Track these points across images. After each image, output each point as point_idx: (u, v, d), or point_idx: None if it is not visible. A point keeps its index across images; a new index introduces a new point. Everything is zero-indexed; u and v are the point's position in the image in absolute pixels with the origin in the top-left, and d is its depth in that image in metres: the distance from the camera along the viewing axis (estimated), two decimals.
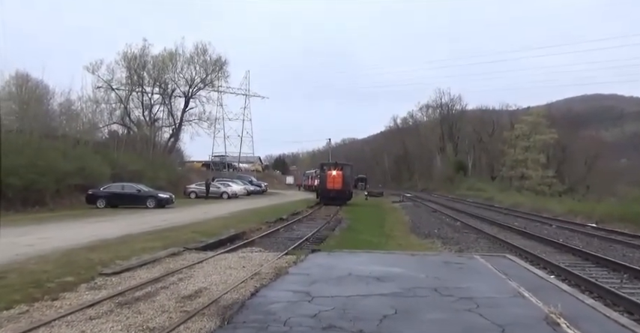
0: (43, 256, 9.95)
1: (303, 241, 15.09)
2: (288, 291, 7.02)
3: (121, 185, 28.37)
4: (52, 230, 15.19)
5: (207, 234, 14.61)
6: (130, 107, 53.02)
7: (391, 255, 11.35)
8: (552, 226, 22.23)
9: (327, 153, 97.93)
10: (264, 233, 16.78)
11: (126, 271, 8.61)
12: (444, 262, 10.09)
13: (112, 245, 11.69)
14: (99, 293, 6.97)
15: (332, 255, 10.93)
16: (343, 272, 8.46)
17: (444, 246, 15.68)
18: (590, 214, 26.32)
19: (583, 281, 9.63)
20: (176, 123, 56.14)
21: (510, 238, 16.98)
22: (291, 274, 8.51)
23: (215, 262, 10.00)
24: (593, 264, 12.12)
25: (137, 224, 17.11)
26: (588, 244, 16.05)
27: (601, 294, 8.59)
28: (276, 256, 10.77)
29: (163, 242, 12.28)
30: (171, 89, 55.59)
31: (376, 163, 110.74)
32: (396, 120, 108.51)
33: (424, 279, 8.02)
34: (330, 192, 36.43)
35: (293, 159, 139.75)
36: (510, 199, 42.99)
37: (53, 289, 7.07)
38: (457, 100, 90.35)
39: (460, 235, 18.49)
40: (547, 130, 60.93)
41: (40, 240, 12.41)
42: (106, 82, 50.47)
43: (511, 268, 9.39)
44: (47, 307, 6.23)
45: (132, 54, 51.63)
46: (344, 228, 20.62)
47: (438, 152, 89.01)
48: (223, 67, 57.22)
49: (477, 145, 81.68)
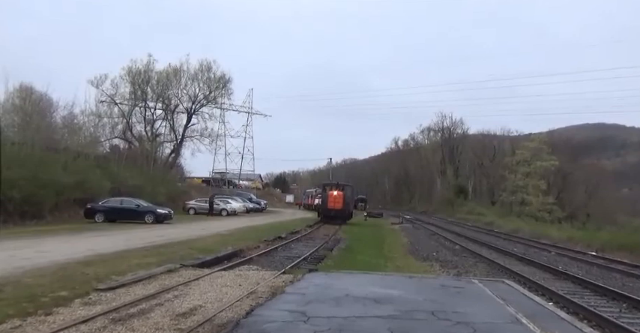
0: (40, 269, 9.89)
1: (300, 261, 15.00)
2: (284, 310, 6.95)
3: (120, 200, 28.31)
4: (50, 244, 15.12)
5: (204, 251, 14.54)
6: (132, 122, 53.23)
7: (389, 277, 11.26)
8: (552, 252, 22.11)
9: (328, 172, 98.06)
10: (261, 251, 16.69)
11: (121, 287, 8.55)
12: (441, 285, 10.01)
13: (108, 260, 11.63)
14: (93, 309, 6.91)
15: (329, 275, 10.85)
16: (340, 293, 8.39)
17: (443, 269, 15.57)
18: (590, 242, 26.19)
19: (581, 309, 9.54)
20: (178, 139, 56.28)
21: (509, 264, 16.87)
22: (288, 293, 8.44)
23: (211, 279, 9.93)
24: (592, 292, 12.02)
25: (134, 239, 17.03)
26: (587, 272, 15.94)
27: (599, 323, 8.50)
28: (273, 274, 10.70)
29: (160, 258, 12.22)
30: (174, 105, 55.87)
31: (376, 183, 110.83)
32: (398, 142, 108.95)
33: (422, 302, 7.94)
34: (331, 211, 38.00)
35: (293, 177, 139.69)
36: (510, 224, 42.83)
37: (47, 304, 7.01)
38: (459, 124, 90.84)
39: (459, 259, 18.38)
40: (548, 157, 60.99)
41: (38, 253, 12.34)
42: (110, 97, 50.79)
43: (509, 293, 9.31)
44: (40, 322, 6.17)
45: (136, 69, 52.01)
46: (342, 248, 20.50)
47: (439, 175, 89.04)
48: (227, 85, 57.60)
49: (478, 169, 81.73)
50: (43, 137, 32.34)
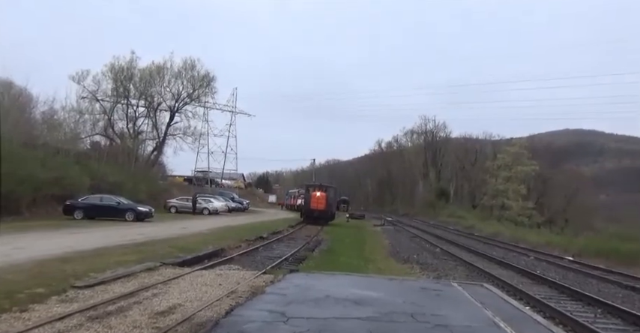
0: (16, 266, 9.73)
1: (281, 261, 14.97)
2: (264, 311, 6.94)
3: (99, 197, 27.97)
4: (27, 240, 14.86)
5: (185, 249, 14.43)
6: (114, 119, 52.59)
7: (369, 278, 11.30)
8: (530, 257, 22.39)
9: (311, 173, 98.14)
10: (243, 251, 16.64)
11: (99, 285, 8.45)
12: (421, 288, 10.08)
13: (87, 257, 11.48)
14: (69, 306, 6.82)
15: (310, 276, 10.85)
16: (321, 294, 8.40)
17: (423, 272, 15.67)
18: (568, 247, 26.58)
19: (558, 314, 9.68)
20: (160, 137, 55.78)
21: (488, 267, 17.04)
22: (268, 293, 8.42)
23: (191, 278, 9.87)
24: (568, 297, 12.19)
25: (114, 237, 16.84)
26: (564, 276, 16.18)
27: (574, 328, 8.64)
28: (253, 274, 10.67)
29: (140, 256, 12.11)
30: (157, 103, 55.39)
31: (359, 185, 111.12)
32: (381, 144, 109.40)
33: (401, 304, 7.99)
34: (314, 212, 38.62)
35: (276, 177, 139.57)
36: (490, 228, 43.28)
37: (23, 300, 6.91)
38: (442, 128, 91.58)
39: (439, 262, 18.51)
40: (528, 162, 61.86)
41: (14, 250, 12.13)
42: (91, 93, 50.12)
43: (488, 297, 9.41)
44: (15, 318, 6.08)
45: (119, 66, 51.48)
46: (324, 249, 20.50)
47: (421, 178, 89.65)
48: (211, 83, 57.26)
49: (460, 172, 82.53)
50: (21, 132, 31.77)
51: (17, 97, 36.88)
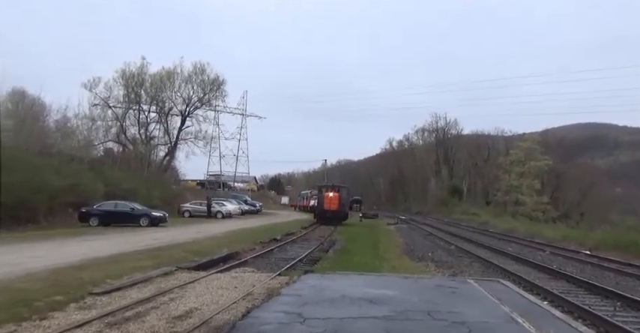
0: (33, 274, 9.84)
1: (296, 262, 14.99)
2: (280, 312, 6.96)
3: (114, 203, 28.21)
4: (44, 248, 15.05)
5: (199, 253, 14.51)
6: (126, 125, 53.16)
7: (384, 277, 11.28)
8: (546, 252, 22.20)
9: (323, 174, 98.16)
10: (257, 253, 16.69)
11: (116, 291, 8.52)
12: (437, 285, 10.04)
13: (103, 264, 11.58)
14: (88, 313, 6.89)
15: (325, 276, 10.85)
16: (336, 294, 8.40)
17: (438, 269, 15.60)
18: (584, 241, 26.31)
19: (576, 308, 9.59)
20: (172, 141, 56.20)
21: (504, 263, 16.92)
22: (284, 295, 8.44)
23: (207, 282, 9.92)
24: (586, 291, 12.08)
25: (129, 243, 16.98)
26: (581, 270, 16.02)
27: (594, 321, 8.55)
28: (268, 276, 10.70)
29: (155, 261, 12.19)
30: (168, 108, 55.83)
31: (371, 184, 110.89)
32: (392, 143, 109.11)
33: (417, 302, 7.96)
34: (327, 212, 38.95)
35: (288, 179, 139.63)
36: (505, 224, 42.96)
37: (42, 309, 6.98)
38: (453, 125, 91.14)
39: (454, 259, 18.42)
40: (542, 157, 61.35)
41: (31, 258, 12.28)
42: (103, 100, 50.67)
43: (504, 293, 9.35)
44: (35, 326, 6.15)
45: (130, 72, 52.01)
46: (338, 249, 20.51)
47: (433, 176, 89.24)
48: (221, 87, 57.63)
49: (472, 169, 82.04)
50: (36, 141, 32.21)
51: (31, 107, 37.40)
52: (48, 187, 25.31)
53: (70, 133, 39.72)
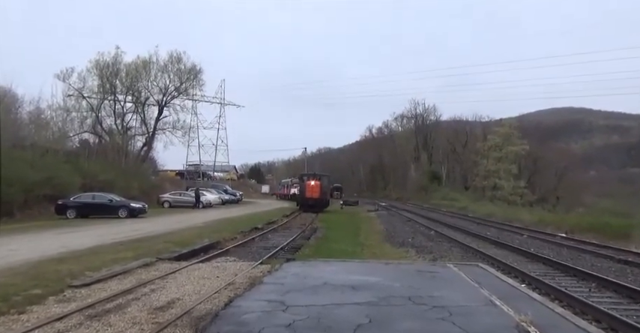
0: (10, 268, 9.68)
1: (278, 250, 15.02)
2: (263, 300, 6.97)
3: (91, 195, 27.85)
4: (20, 242, 14.80)
5: (180, 244, 14.43)
6: (101, 116, 52.08)
7: (366, 264, 11.38)
8: (524, 235, 22.61)
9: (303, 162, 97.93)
10: (238, 243, 16.66)
11: (96, 283, 8.43)
12: (417, 270, 10.17)
13: (82, 256, 11.45)
14: (68, 306, 6.80)
15: (307, 264, 10.90)
16: (318, 281, 8.45)
17: (418, 255, 15.79)
18: (560, 224, 26.86)
19: (553, 290, 9.81)
20: (149, 132, 55.39)
21: (483, 247, 17.21)
22: (266, 283, 8.46)
23: (188, 272, 9.88)
24: (562, 273, 12.35)
25: (108, 234, 16.79)
26: (558, 253, 16.37)
27: (570, 303, 8.76)
28: (250, 265, 10.70)
29: (135, 253, 12.09)
30: (144, 97, 54.89)
31: (352, 172, 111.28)
32: (372, 130, 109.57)
33: (398, 288, 8.06)
34: (309, 200, 40.35)
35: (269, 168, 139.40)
36: (483, 208, 43.63)
37: (20, 303, 6.87)
38: (431, 111, 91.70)
39: (434, 244, 18.66)
40: (519, 142, 62.24)
41: (8, 252, 12.07)
42: (77, 90, 49.54)
43: (483, 276, 9.52)
44: (13, 321, 6.05)
45: (104, 62, 50.83)
46: (319, 237, 20.59)
47: (413, 162, 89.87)
48: (198, 76, 56.74)
49: (451, 155, 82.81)
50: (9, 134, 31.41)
51: (2, 98, 36.40)
52: (22, 181, 24.84)
53: (45, 125, 38.86)
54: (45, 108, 40.32)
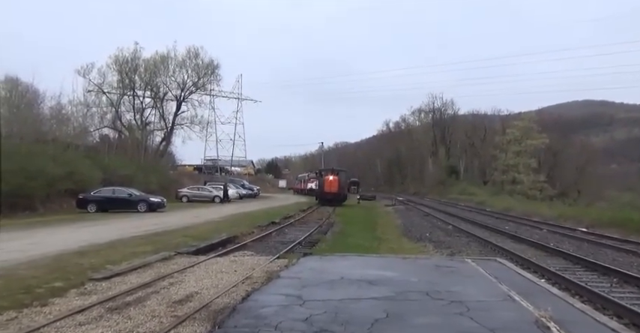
0: (33, 261, 9.87)
1: (295, 245, 15.07)
2: (280, 295, 7.01)
3: (111, 189, 28.21)
4: (43, 235, 15.08)
5: (198, 238, 14.56)
6: (121, 111, 52.75)
7: (383, 258, 11.35)
8: (543, 230, 22.35)
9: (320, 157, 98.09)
10: (255, 237, 16.74)
11: (116, 276, 8.55)
12: (435, 265, 10.12)
13: (102, 250, 11.62)
14: (89, 298, 6.91)
15: (324, 259, 10.91)
16: (335, 276, 8.45)
17: (436, 249, 15.70)
18: (581, 218, 26.47)
19: (573, 285, 9.67)
20: (168, 127, 55.93)
21: (501, 242, 17.04)
22: (283, 277, 8.49)
23: (206, 266, 9.96)
24: (583, 268, 12.18)
25: (128, 228, 17.01)
26: (578, 248, 16.14)
27: (591, 298, 8.63)
28: (267, 259, 10.75)
29: (154, 246, 12.23)
30: (163, 93, 55.43)
31: (369, 167, 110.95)
32: (389, 124, 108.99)
33: (416, 283, 8.03)
34: (327, 195, 42.12)
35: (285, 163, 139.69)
36: (502, 203, 43.18)
37: (42, 295, 7.01)
38: (449, 105, 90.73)
39: (452, 239, 18.54)
40: (538, 135, 61.36)
41: (30, 245, 12.31)
42: (97, 86, 50.18)
43: (502, 271, 9.43)
44: (36, 313, 6.17)
45: (123, 57, 51.43)
46: (336, 232, 20.60)
47: (430, 156, 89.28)
48: (215, 71, 57.18)
49: (469, 149, 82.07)
50: (31, 129, 32.01)
51: (24, 94, 37.06)
52: (44, 175, 25.28)
53: (65, 120, 39.42)
54: (66, 103, 40.94)
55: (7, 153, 24.24)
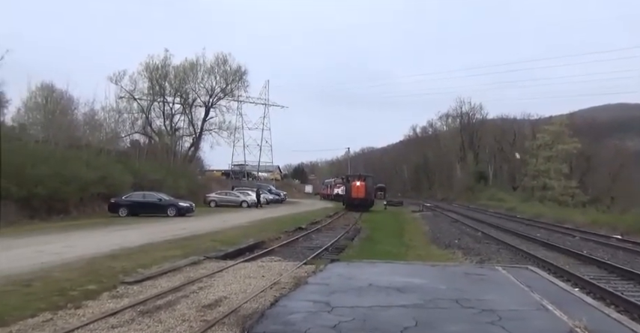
0: (67, 264, 10.11)
1: (322, 251, 15.07)
2: (308, 301, 7.00)
3: (142, 194, 28.72)
4: (76, 238, 15.45)
5: (226, 243, 14.70)
6: (151, 117, 53.82)
7: (411, 265, 11.24)
8: (575, 237, 21.83)
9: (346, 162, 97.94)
10: (283, 242, 16.80)
11: (147, 280, 8.70)
12: (465, 273, 9.97)
13: (133, 254, 11.83)
14: (121, 302, 7.05)
15: (351, 265, 10.87)
16: (363, 282, 8.41)
17: (465, 257, 15.48)
18: (615, 225, 25.76)
19: (608, 294, 9.41)
20: (196, 132, 56.74)
21: (533, 250, 16.70)
22: (311, 283, 8.49)
23: (235, 271, 10.04)
24: (618, 277, 11.84)
25: (158, 233, 17.28)
26: (613, 256, 15.70)
27: (627, 308, 8.39)
28: (295, 265, 10.77)
29: (184, 251, 12.40)
30: (192, 99, 56.31)
31: (395, 172, 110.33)
32: (416, 129, 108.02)
33: (445, 290, 7.92)
34: (355, 200, 42.70)
35: (312, 168, 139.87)
36: (532, 209, 42.36)
37: (76, 297, 7.18)
38: (477, 109, 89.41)
39: (481, 246, 18.25)
40: (570, 140, 59.97)
41: (65, 248, 12.62)
42: (129, 92, 51.32)
43: (534, 280, 9.23)
44: (70, 315, 6.32)
45: (154, 64, 52.46)
46: (363, 238, 20.53)
47: (458, 162, 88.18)
48: (243, 77, 57.85)
49: (498, 154, 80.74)
50: (65, 134, 32.92)
51: (59, 101, 38.17)
52: (78, 179, 25.93)
53: (98, 126, 40.47)
54: (99, 109, 41.99)
55: (43, 158, 25.06)
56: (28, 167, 22.96)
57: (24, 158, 23.66)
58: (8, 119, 38.55)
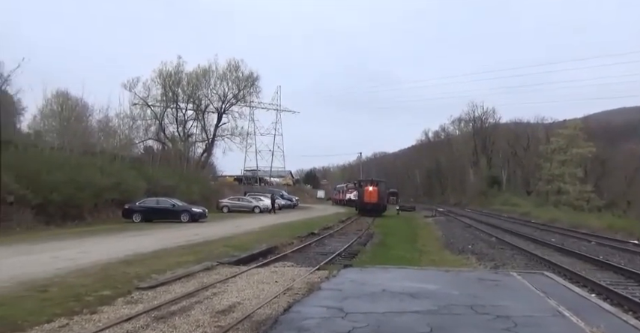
0: (82, 269, 10.19)
1: (335, 256, 15.03)
2: (321, 307, 6.98)
3: (155, 200, 28.90)
4: (91, 244, 15.56)
5: (239, 248, 14.73)
6: (164, 123, 54.43)
7: (425, 271, 11.18)
8: (591, 242, 21.55)
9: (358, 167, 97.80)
10: (295, 248, 16.80)
11: (161, 286, 8.74)
12: (479, 278, 9.89)
13: (147, 259, 11.89)
14: (135, 307, 7.09)
15: (364, 270, 10.84)
16: (376, 288, 8.37)
17: (479, 262, 15.35)
18: (632, 230, 25.42)
19: (626, 300, 9.27)
20: (209, 138, 57.17)
21: (548, 255, 16.51)
22: (324, 289, 8.47)
23: (248, 276, 10.06)
24: (636, 283, 11.66)
25: (171, 238, 17.37)
26: (630, 261, 15.48)
27: None
28: (308, 271, 10.76)
29: (197, 256, 12.44)
30: (204, 105, 56.81)
31: (407, 177, 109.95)
32: (428, 134, 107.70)
33: (459, 296, 7.86)
34: (367, 205, 42.96)
35: (324, 173, 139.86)
36: (547, 214, 41.92)
37: (92, 303, 7.23)
38: (490, 113, 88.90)
39: (495, 251, 18.09)
40: (584, 144, 59.38)
41: (80, 254, 12.72)
42: (142, 99, 51.92)
43: (550, 285, 9.12)
44: (86, 320, 6.37)
45: (167, 71, 53.10)
46: (376, 243, 20.46)
47: (471, 166, 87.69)
48: (255, 83, 58.27)
49: (512, 159, 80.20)
50: (80, 141, 33.32)
51: (74, 108, 38.69)
52: (92, 186, 26.19)
53: (112, 133, 40.92)
54: (113, 116, 42.48)
55: (59, 164, 25.38)
56: (44, 174, 23.24)
57: (39, 165, 23.97)
58: (24, 126, 39.32)
